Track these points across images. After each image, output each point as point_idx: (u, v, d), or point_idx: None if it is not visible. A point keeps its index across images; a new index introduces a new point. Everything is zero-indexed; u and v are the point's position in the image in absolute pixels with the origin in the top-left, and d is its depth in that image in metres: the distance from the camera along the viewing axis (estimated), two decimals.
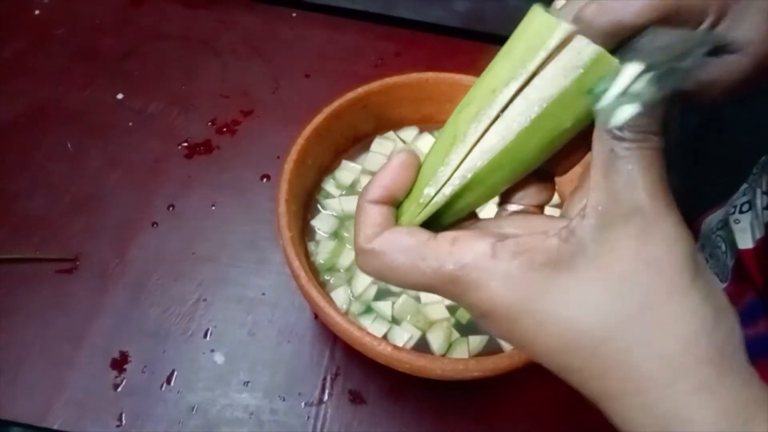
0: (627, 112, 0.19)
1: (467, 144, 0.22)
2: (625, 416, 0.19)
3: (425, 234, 0.21)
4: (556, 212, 0.26)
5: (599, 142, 0.19)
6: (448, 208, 0.23)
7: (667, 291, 0.18)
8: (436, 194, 0.22)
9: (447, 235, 0.20)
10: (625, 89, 0.19)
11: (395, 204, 0.23)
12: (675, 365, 0.18)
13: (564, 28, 0.20)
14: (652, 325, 0.18)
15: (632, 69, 0.19)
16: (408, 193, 0.23)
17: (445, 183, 0.22)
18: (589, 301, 0.18)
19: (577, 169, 0.24)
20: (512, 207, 0.24)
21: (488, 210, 0.25)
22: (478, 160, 0.21)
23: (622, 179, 0.18)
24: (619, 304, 0.18)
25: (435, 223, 0.23)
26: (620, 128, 0.18)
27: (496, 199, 0.24)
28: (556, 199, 0.43)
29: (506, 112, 0.21)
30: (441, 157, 0.22)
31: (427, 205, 0.22)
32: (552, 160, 0.22)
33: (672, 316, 0.18)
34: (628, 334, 0.18)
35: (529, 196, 0.23)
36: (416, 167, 0.23)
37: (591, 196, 0.19)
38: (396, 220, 0.23)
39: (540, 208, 0.24)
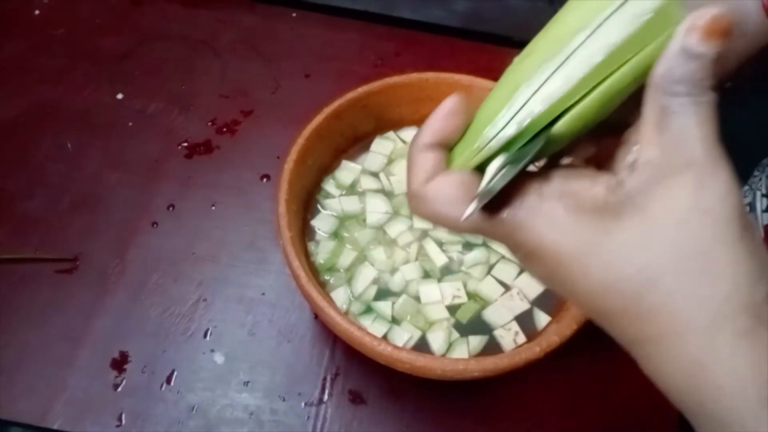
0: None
1: (530, 89, 0.21)
2: (659, 361, 0.19)
3: (475, 179, 0.21)
4: None
5: (652, 97, 0.19)
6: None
7: (719, 240, 0.18)
8: (492, 139, 0.22)
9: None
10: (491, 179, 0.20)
11: (447, 147, 0.23)
12: (717, 312, 0.18)
13: None
14: (700, 272, 0.18)
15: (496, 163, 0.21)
16: (461, 137, 0.23)
17: (504, 127, 0.22)
18: (637, 247, 0.18)
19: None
20: (562, 160, 0.24)
21: None
22: (538, 105, 0.21)
23: (676, 134, 0.18)
24: (670, 249, 0.18)
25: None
26: (676, 83, 0.19)
27: None
28: None
29: (570, 59, 0.21)
30: (501, 103, 0.22)
31: (482, 149, 0.22)
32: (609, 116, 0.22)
33: (720, 265, 0.18)
34: (675, 278, 0.18)
35: (578, 150, 0.23)
36: (467, 112, 0.23)
37: (643, 152, 0.19)
38: (449, 165, 0.23)
39: (587, 163, 0.24)
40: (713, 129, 0.19)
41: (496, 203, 0.21)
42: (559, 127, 0.21)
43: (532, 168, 0.23)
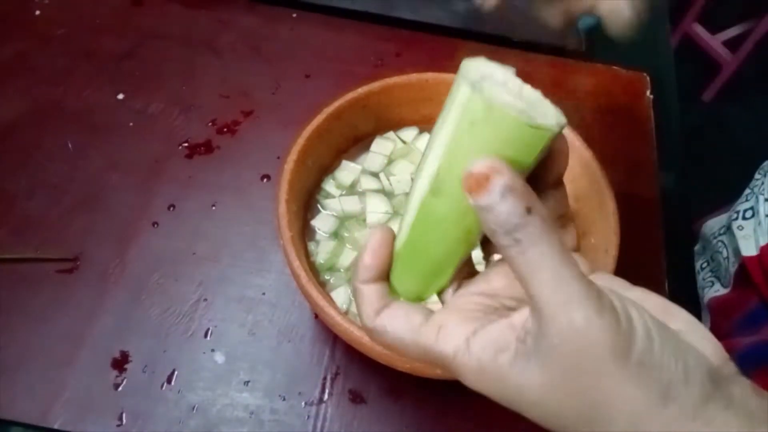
0: None
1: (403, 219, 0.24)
2: None
3: (418, 316, 0.23)
4: None
5: (501, 254, 0.20)
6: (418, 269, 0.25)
7: (603, 386, 0.18)
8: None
9: (436, 321, 0.22)
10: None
11: (385, 277, 0.25)
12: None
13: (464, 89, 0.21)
14: (601, 418, 0.19)
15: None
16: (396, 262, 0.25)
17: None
18: (546, 406, 0.20)
19: None
20: (496, 256, 0.25)
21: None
22: (403, 236, 0.24)
23: (521, 283, 0.19)
24: (574, 408, 0.19)
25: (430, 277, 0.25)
26: (493, 236, 0.19)
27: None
28: None
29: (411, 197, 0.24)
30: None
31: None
32: None
33: (616, 407, 0.19)
34: (584, 425, 0.19)
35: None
36: (391, 242, 0.25)
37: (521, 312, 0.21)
38: (391, 291, 0.25)
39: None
40: (546, 264, 0.19)
41: (430, 344, 0.23)
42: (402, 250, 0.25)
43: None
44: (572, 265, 0.19)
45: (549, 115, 0.22)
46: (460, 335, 0.21)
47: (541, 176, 0.23)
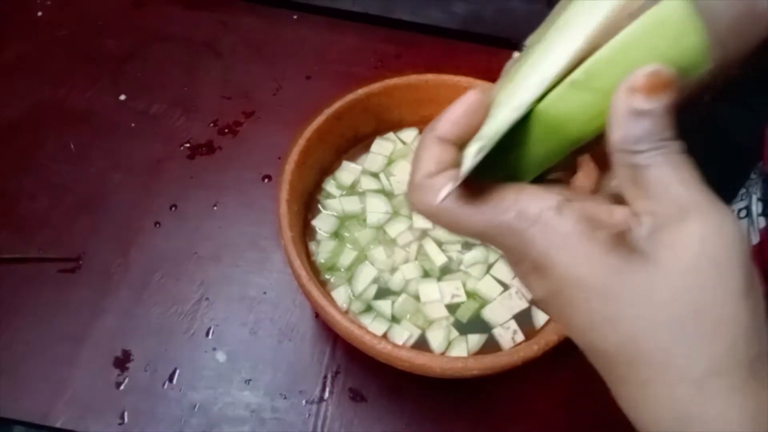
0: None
1: (509, 95, 0.21)
2: (642, 403, 0.19)
3: (486, 184, 0.21)
4: None
5: (618, 160, 0.19)
6: (500, 161, 0.21)
7: (721, 295, 0.18)
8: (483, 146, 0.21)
9: (512, 185, 0.20)
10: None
11: (461, 144, 0.21)
12: (711, 367, 0.18)
13: None
14: (698, 326, 0.18)
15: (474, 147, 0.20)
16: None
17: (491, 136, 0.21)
18: (642, 294, 0.19)
19: None
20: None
21: None
22: (515, 110, 0.20)
23: (655, 186, 0.19)
24: (672, 301, 0.18)
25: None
26: (635, 143, 0.19)
27: None
28: None
29: (555, 45, 0.20)
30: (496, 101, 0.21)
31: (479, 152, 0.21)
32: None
33: (720, 321, 0.18)
34: (673, 330, 0.18)
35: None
36: (486, 109, 0.21)
37: (635, 205, 0.19)
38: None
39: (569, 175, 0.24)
40: (692, 174, 0.19)
41: (505, 206, 0.20)
42: (551, 116, 0.20)
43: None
44: (703, 182, 0.19)
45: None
46: (548, 199, 0.20)
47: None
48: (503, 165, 0.22)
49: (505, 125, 0.20)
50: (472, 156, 0.20)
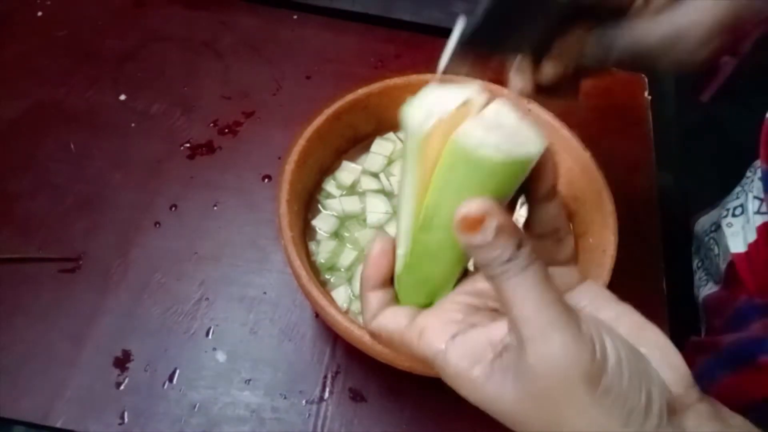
0: None
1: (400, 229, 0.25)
2: None
3: (404, 319, 0.24)
4: None
5: (490, 285, 0.21)
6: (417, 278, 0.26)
7: (571, 408, 0.19)
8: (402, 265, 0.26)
9: (418, 324, 0.24)
10: None
11: (388, 283, 0.26)
12: None
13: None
14: None
15: None
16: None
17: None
18: (519, 421, 0.21)
19: None
20: None
21: None
22: (400, 264, 0.25)
23: (507, 307, 0.20)
24: (538, 419, 0.20)
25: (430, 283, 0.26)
26: (484, 269, 0.21)
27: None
28: None
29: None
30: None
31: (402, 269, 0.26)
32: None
33: (580, 429, 0.20)
34: None
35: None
36: (392, 252, 0.26)
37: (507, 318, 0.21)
38: (396, 292, 0.26)
39: None
40: (530, 294, 0.20)
41: (422, 334, 0.24)
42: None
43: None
44: (554, 293, 0.20)
45: (527, 140, 0.22)
46: (439, 341, 0.23)
47: (532, 191, 0.24)
48: (419, 293, 0.26)
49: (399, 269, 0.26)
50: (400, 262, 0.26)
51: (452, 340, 0.22)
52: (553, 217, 0.24)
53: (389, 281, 0.26)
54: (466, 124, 0.22)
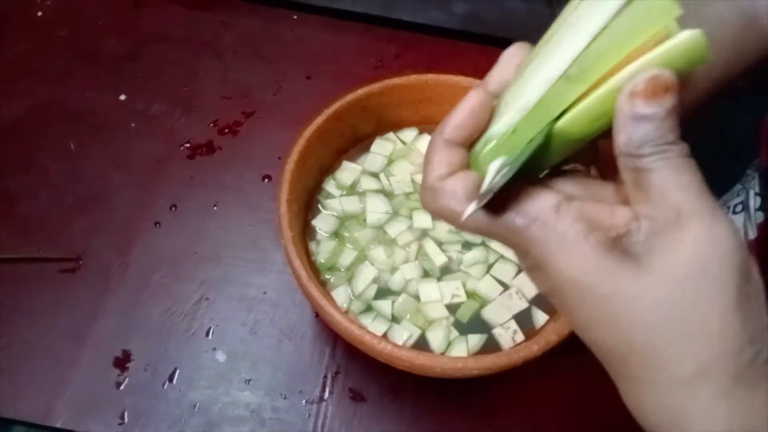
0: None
1: (528, 86, 0.21)
2: (639, 398, 0.20)
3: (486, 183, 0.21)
4: None
5: (622, 163, 0.20)
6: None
7: (714, 303, 0.18)
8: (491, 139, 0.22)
9: (515, 185, 0.21)
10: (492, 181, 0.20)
11: (468, 144, 0.22)
12: (700, 371, 0.19)
13: None
14: (690, 332, 0.19)
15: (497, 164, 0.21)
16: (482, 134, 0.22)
17: (498, 125, 0.22)
18: (638, 296, 0.19)
19: None
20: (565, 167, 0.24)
21: None
22: (532, 97, 0.21)
23: (656, 190, 0.19)
24: (667, 306, 0.19)
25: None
26: (638, 147, 0.19)
27: None
28: None
29: (565, 55, 0.20)
30: (503, 100, 0.22)
31: (484, 149, 0.22)
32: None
33: (711, 328, 0.19)
34: (667, 333, 0.19)
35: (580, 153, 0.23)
36: (490, 108, 0.22)
37: (636, 208, 0.20)
38: (470, 165, 0.23)
39: (588, 166, 0.24)
40: (694, 179, 0.19)
41: (507, 206, 0.21)
42: (560, 126, 0.21)
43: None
44: (705, 186, 0.19)
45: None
46: (547, 199, 0.20)
47: None
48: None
49: (523, 141, 0.21)
50: (494, 173, 0.21)
51: (567, 203, 0.20)
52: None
53: (469, 143, 0.22)
54: None
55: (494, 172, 0.21)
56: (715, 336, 0.18)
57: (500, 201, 0.21)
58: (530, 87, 0.21)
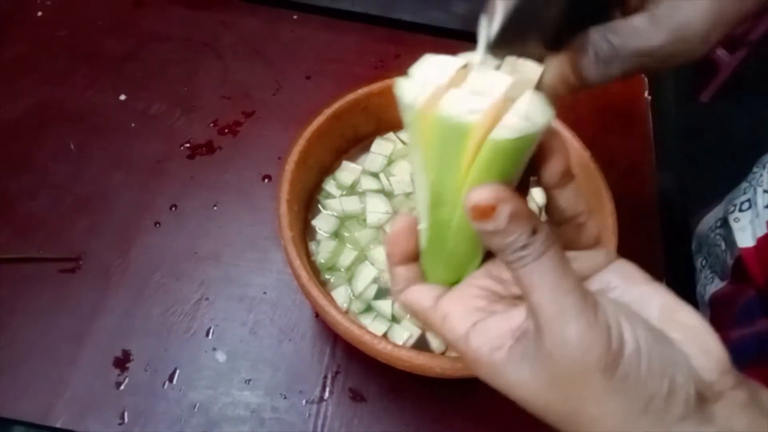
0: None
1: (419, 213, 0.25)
2: None
3: (429, 299, 0.24)
4: None
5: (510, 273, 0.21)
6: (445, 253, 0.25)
7: (588, 395, 0.19)
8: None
9: (442, 308, 0.24)
10: None
11: (414, 258, 0.26)
12: None
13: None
14: (584, 423, 0.20)
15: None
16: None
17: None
18: (534, 395, 0.21)
19: None
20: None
21: None
22: (423, 238, 0.25)
23: (525, 292, 0.20)
24: (556, 405, 0.21)
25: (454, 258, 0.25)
26: (501, 257, 0.20)
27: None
28: None
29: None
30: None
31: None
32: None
33: (597, 416, 0.20)
34: (568, 426, 0.21)
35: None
36: (414, 230, 0.25)
37: (526, 302, 0.21)
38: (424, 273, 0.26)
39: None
40: (547, 280, 0.19)
41: (438, 326, 0.24)
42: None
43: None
44: (571, 278, 0.20)
45: (531, 110, 0.20)
46: (461, 327, 0.23)
47: (543, 176, 0.23)
48: (445, 269, 0.26)
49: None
50: (483, 31, 0.25)
51: (474, 327, 0.22)
52: (571, 203, 0.24)
53: (414, 256, 0.26)
54: (453, 92, 0.20)
55: (483, 30, 0.23)
56: (603, 421, 0.20)
57: (438, 317, 0.24)
58: (421, 211, 0.24)
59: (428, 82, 0.21)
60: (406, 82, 0.22)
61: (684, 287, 0.53)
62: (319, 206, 0.45)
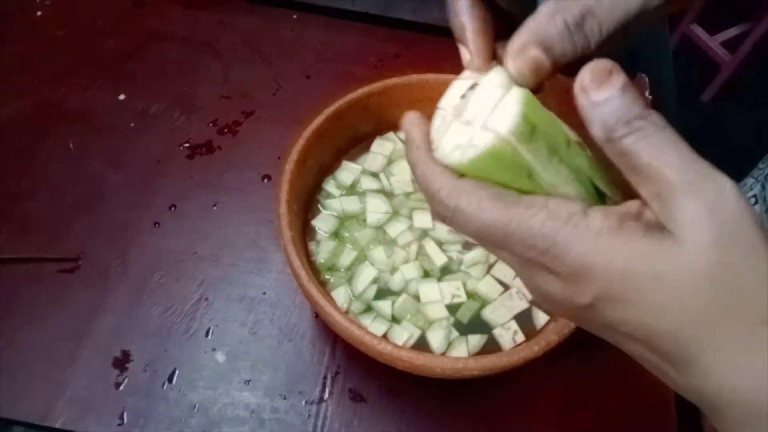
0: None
1: None
2: (716, 373, 0.19)
3: (508, 195, 0.22)
4: None
5: (610, 154, 0.20)
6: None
7: (746, 266, 0.18)
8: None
9: (535, 197, 0.21)
10: None
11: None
12: (749, 334, 0.18)
13: None
14: (731, 301, 0.18)
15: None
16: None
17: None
18: (679, 272, 0.18)
19: None
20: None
21: None
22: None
23: (648, 170, 0.19)
24: (710, 279, 0.18)
25: None
26: (612, 129, 0.19)
27: None
28: None
29: None
30: None
31: None
32: None
33: (750, 292, 0.18)
34: (709, 305, 0.18)
35: None
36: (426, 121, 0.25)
37: (641, 193, 0.20)
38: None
39: None
40: (677, 150, 0.19)
41: (535, 209, 0.21)
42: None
43: None
44: (691, 149, 0.19)
45: (465, 135, 0.23)
46: (573, 204, 0.21)
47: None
48: None
49: None
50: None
51: (590, 207, 0.20)
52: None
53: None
54: (442, 142, 0.23)
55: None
56: (754, 297, 0.18)
57: (528, 203, 0.22)
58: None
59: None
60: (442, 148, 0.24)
61: None
62: (319, 206, 0.45)
